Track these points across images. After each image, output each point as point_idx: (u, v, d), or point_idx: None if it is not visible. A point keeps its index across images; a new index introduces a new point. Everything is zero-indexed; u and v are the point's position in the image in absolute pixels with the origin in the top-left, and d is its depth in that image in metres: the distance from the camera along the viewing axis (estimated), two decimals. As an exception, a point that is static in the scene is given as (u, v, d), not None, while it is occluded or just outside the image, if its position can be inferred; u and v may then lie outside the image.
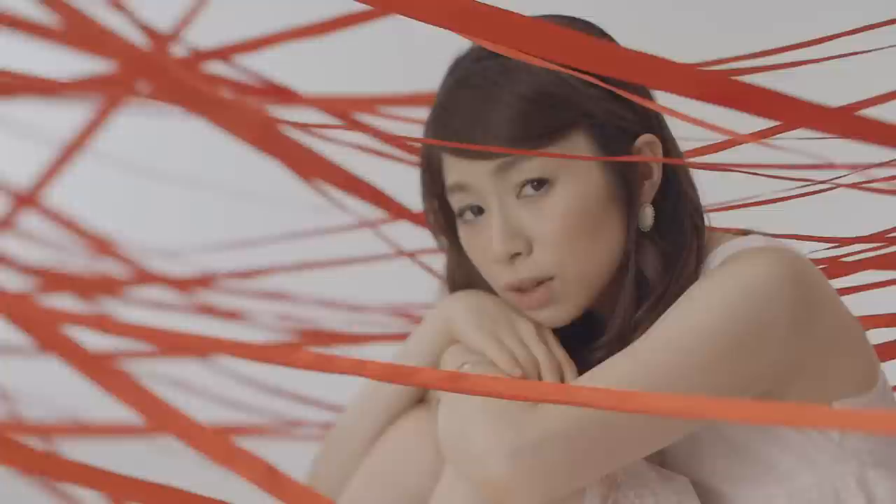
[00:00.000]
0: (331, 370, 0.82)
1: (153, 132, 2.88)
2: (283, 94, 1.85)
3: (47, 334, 0.81)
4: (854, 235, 1.65)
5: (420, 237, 1.84)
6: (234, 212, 3.05)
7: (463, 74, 1.29)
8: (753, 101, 0.80)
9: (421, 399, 1.38)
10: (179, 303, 2.23)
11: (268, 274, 2.25)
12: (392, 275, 2.26)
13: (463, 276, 1.37)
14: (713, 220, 1.34)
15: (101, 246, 2.17)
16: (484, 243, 1.28)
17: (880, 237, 1.69)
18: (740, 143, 1.06)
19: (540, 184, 1.25)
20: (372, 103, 1.84)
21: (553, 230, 1.24)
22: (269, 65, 1.92)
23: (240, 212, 3.01)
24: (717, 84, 0.78)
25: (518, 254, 1.26)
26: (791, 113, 0.80)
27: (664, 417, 1.16)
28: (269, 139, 1.64)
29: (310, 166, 1.71)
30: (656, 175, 1.28)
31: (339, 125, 1.78)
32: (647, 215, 1.28)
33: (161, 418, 0.79)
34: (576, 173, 1.25)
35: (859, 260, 1.69)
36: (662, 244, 1.27)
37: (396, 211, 1.79)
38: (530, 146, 1.23)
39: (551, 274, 1.26)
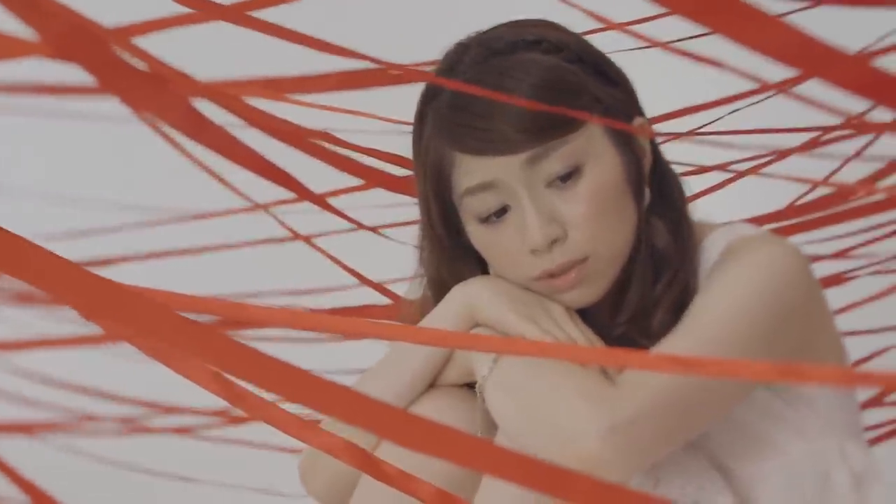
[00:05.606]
0: (477, 348, 0.78)
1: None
2: (175, 79, 1.82)
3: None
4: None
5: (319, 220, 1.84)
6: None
7: (472, 75, 1.30)
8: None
9: (430, 385, 1.36)
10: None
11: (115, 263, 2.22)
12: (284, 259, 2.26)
13: (454, 279, 1.36)
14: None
15: None
16: (510, 238, 1.30)
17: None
18: (766, 91, 1.12)
19: (569, 172, 1.29)
20: (270, 87, 1.83)
21: (586, 212, 1.28)
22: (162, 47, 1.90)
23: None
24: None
25: (556, 239, 1.29)
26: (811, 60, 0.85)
27: (730, 388, 1.25)
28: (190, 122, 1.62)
29: (220, 147, 1.70)
30: (649, 154, 1.35)
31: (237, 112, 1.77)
32: (647, 193, 1.34)
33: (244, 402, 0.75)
34: (599, 156, 1.29)
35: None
36: (663, 218, 1.34)
37: (299, 191, 1.79)
38: (555, 136, 1.27)
39: (586, 254, 1.29)
